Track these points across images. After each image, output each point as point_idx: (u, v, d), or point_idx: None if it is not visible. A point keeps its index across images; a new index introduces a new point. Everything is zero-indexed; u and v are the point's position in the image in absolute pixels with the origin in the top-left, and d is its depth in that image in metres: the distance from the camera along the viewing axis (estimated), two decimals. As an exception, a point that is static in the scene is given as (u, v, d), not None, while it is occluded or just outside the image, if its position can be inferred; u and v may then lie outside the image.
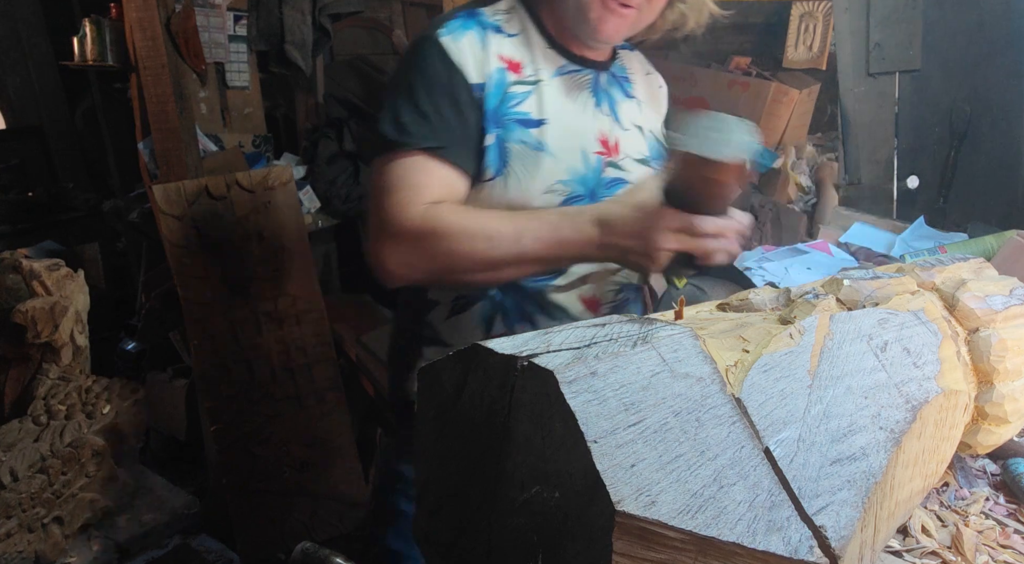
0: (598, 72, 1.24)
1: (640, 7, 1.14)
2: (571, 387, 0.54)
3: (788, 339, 0.72)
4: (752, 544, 0.54)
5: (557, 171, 1.15)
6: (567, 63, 1.21)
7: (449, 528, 0.66)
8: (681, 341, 0.64)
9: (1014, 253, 1.71)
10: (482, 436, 0.61)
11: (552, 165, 1.15)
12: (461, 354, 0.64)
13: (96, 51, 2.90)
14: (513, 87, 1.15)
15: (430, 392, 0.68)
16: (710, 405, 0.59)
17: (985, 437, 0.97)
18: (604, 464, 0.51)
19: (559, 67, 1.20)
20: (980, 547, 0.89)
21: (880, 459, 0.68)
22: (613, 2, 1.12)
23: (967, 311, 0.96)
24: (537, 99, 1.16)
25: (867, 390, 0.73)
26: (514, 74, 1.16)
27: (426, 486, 0.69)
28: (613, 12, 1.13)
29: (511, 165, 1.14)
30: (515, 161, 1.13)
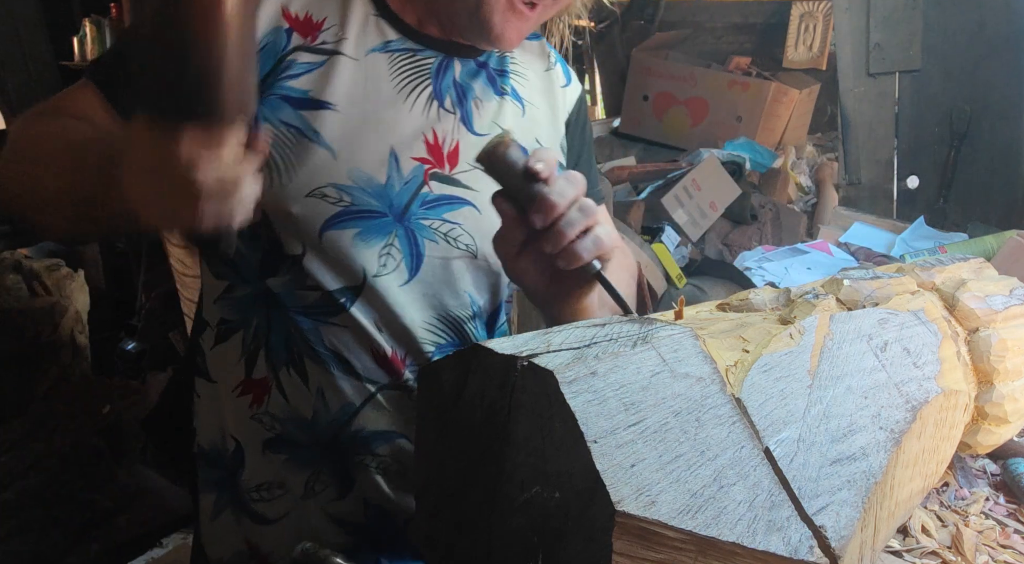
0: (450, 57, 0.96)
1: (545, 6, 0.91)
2: (571, 387, 0.54)
3: (788, 339, 0.72)
4: (752, 544, 0.54)
5: (334, 172, 0.88)
6: (399, 39, 0.93)
7: (449, 528, 0.66)
8: (681, 341, 0.64)
9: (1014, 253, 1.71)
10: (482, 436, 0.61)
11: (327, 163, 0.87)
12: (461, 354, 0.64)
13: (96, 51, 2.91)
14: (295, 54, 0.88)
15: (430, 393, 0.68)
16: (710, 405, 0.59)
17: (985, 437, 0.97)
18: (604, 464, 0.51)
19: (383, 42, 0.92)
20: (980, 547, 0.89)
21: (880, 459, 0.68)
22: (520, 3, 0.89)
23: (967, 311, 0.96)
24: (325, 75, 0.88)
25: (867, 390, 0.73)
26: (301, 38, 0.89)
27: (426, 486, 0.69)
28: (519, 15, 0.89)
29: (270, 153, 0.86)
30: (274, 150, 0.87)
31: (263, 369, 0.94)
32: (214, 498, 1.00)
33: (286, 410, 0.94)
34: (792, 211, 2.90)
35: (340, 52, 0.90)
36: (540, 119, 1.04)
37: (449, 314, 0.96)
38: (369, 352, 0.93)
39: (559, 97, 1.07)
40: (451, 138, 0.94)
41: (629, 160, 3.40)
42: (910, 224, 2.30)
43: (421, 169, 0.92)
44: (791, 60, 3.61)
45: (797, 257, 2.23)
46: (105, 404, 2.51)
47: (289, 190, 0.87)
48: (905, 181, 2.49)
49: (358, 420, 0.94)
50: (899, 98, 2.47)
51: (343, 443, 0.95)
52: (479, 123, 0.97)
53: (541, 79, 1.06)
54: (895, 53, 2.43)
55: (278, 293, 0.92)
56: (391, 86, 0.92)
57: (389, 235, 0.91)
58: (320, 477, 0.96)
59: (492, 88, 0.99)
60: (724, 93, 3.44)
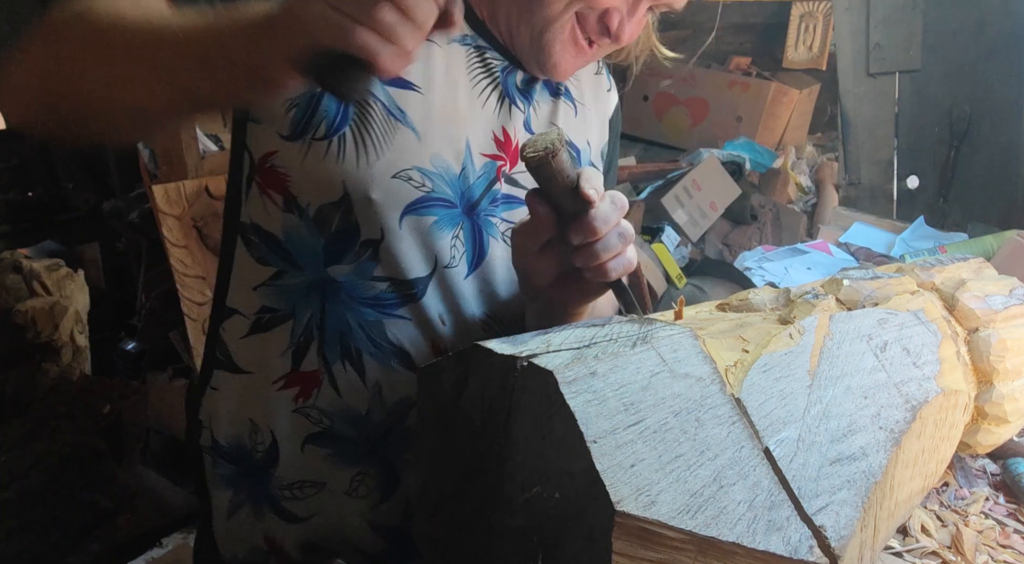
0: (513, 64, 0.95)
1: (602, 46, 0.92)
2: (571, 387, 0.54)
3: (788, 339, 0.72)
4: (752, 544, 0.54)
5: (419, 155, 0.86)
6: (473, 35, 0.93)
7: (449, 528, 0.66)
8: (681, 341, 0.64)
9: (1014, 253, 1.71)
10: (482, 436, 0.61)
11: (413, 145, 0.85)
12: (461, 355, 0.64)
13: (96, 51, 2.90)
14: None
15: (430, 393, 0.68)
16: (710, 405, 0.60)
17: (985, 437, 0.97)
18: (604, 464, 0.51)
19: (461, 35, 0.92)
20: (980, 547, 0.89)
21: (880, 459, 0.68)
22: (582, 38, 0.89)
23: (967, 311, 0.96)
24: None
25: (867, 390, 0.73)
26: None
27: (426, 487, 0.69)
28: (579, 50, 0.90)
29: (352, 126, 0.83)
30: (357, 122, 0.84)
31: (314, 362, 0.91)
32: (230, 495, 0.97)
33: (338, 404, 0.91)
34: (792, 211, 2.90)
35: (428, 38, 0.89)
36: (591, 120, 1.04)
37: (506, 312, 0.95)
38: (430, 346, 0.91)
39: (605, 101, 1.08)
40: (515, 138, 0.94)
41: (629, 160, 3.39)
42: (910, 224, 2.30)
43: (493, 166, 0.92)
44: (791, 60, 3.61)
45: (797, 257, 2.23)
46: (105, 404, 2.51)
47: (376, 169, 0.84)
48: (905, 181, 2.49)
49: (412, 416, 0.92)
50: (899, 98, 2.47)
51: (394, 439, 0.93)
52: (536, 123, 0.97)
53: (592, 82, 1.06)
54: (895, 53, 2.43)
55: (342, 282, 0.88)
56: (467, 78, 0.91)
57: (456, 227, 0.90)
58: (366, 477, 0.93)
59: (548, 89, 0.99)
60: (724, 93, 3.44)
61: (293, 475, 0.94)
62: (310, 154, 0.84)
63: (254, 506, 0.96)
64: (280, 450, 0.93)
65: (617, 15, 0.88)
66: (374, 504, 0.94)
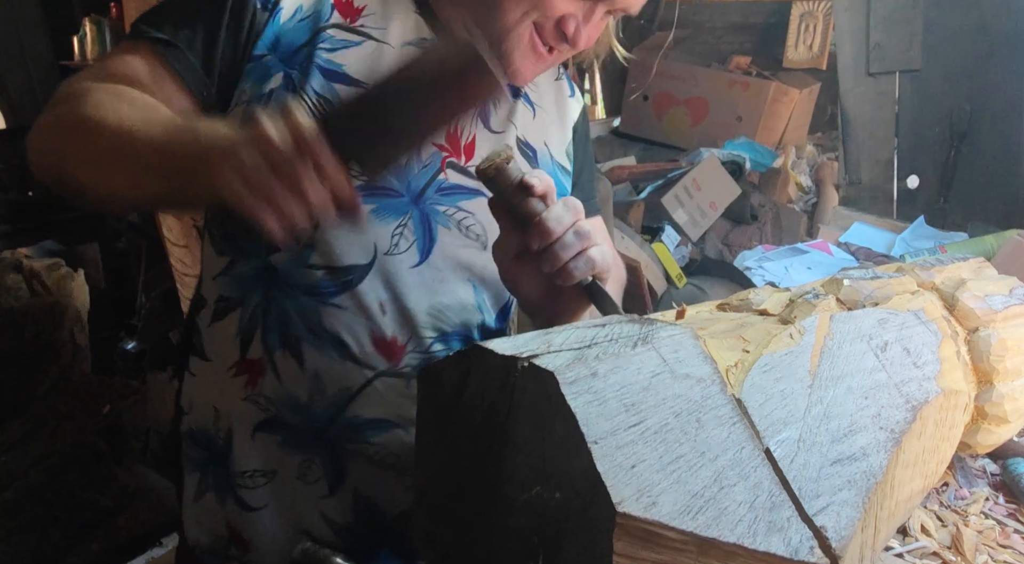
0: None
1: (562, 52, 0.95)
2: (572, 388, 0.54)
3: (788, 339, 0.72)
4: (753, 545, 0.54)
5: None
6: (433, 39, 0.95)
7: (449, 528, 0.66)
8: (681, 341, 0.64)
9: (1014, 253, 1.71)
10: (482, 437, 0.61)
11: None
12: (461, 355, 0.64)
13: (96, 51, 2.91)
14: (333, 30, 0.90)
15: (430, 393, 0.68)
16: (711, 406, 0.60)
17: (985, 437, 0.97)
18: (605, 465, 0.51)
19: (418, 38, 0.94)
20: (980, 547, 0.89)
21: (880, 459, 0.68)
22: (541, 45, 0.92)
23: (967, 311, 0.96)
24: (364, 57, 0.90)
25: (867, 390, 0.73)
26: (341, 17, 0.91)
27: (426, 487, 0.69)
28: (539, 57, 0.93)
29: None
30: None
31: (259, 349, 0.93)
32: (198, 478, 0.99)
33: (280, 392, 0.93)
34: (792, 211, 2.90)
35: (378, 39, 0.92)
36: (549, 124, 1.06)
37: (455, 302, 0.96)
38: (369, 335, 0.92)
39: (566, 106, 1.09)
40: (469, 131, 0.96)
41: (629, 160, 3.39)
42: (910, 224, 2.30)
43: (439, 156, 0.93)
44: (791, 60, 3.61)
45: (797, 257, 2.23)
46: (105, 404, 2.51)
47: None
48: (905, 181, 2.49)
49: (353, 406, 0.93)
50: (899, 98, 2.47)
51: (337, 430, 0.94)
52: (495, 121, 0.99)
53: (551, 87, 1.09)
54: (895, 53, 2.43)
55: (280, 269, 0.91)
56: None
57: (404, 215, 0.91)
58: (312, 466, 0.95)
59: (509, 90, 1.00)
60: (724, 93, 3.44)
61: (246, 464, 0.96)
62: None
63: (217, 492, 0.98)
64: (234, 438, 0.96)
65: (573, 21, 0.90)
66: (323, 493, 0.96)
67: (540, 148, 1.03)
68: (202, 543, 1.01)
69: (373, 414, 0.94)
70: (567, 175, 1.07)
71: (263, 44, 0.88)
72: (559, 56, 0.95)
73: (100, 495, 2.37)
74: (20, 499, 2.23)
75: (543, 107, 1.05)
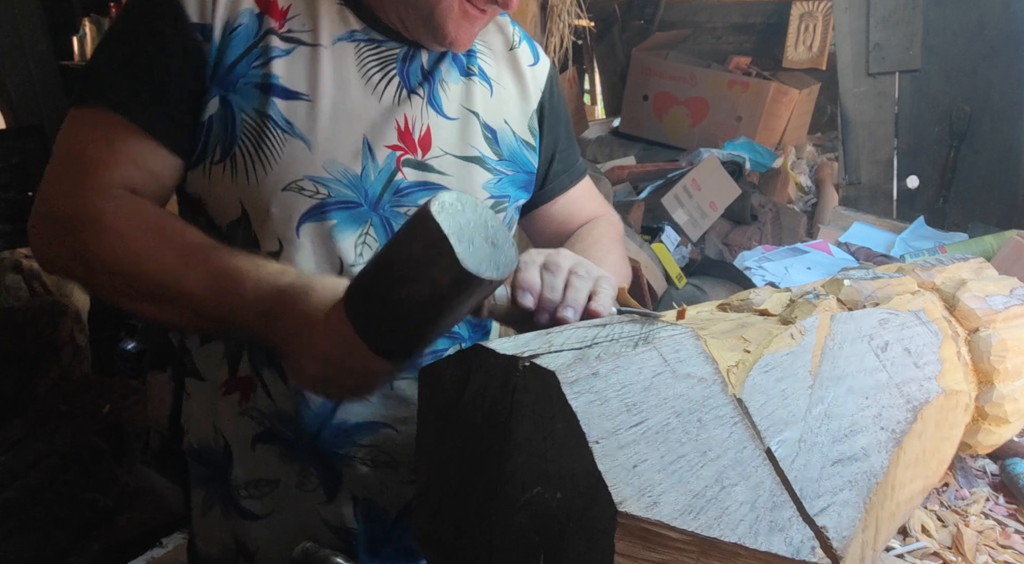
0: (414, 48, 0.94)
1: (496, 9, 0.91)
2: (573, 387, 0.54)
3: (789, 339, 0.72)
4: (754, 545, 0.54)
5: (310, 164, 0.86)
6: (363, 30, 0.92)
7: (450, 528, 0.66)
8: (682, 341, 0.64)
9: (1014, 253, 1.71)
10: (483, 436, 0.61)
11: (303, 155, 0.86)
12: (462, 354, 0.64)
13: (96, 51, 2.90)
14: (267, 38, 0.86)
15: (431, 393, 0.68)
16: (712, 406, 0.60)
17: (985, 437, 0.97)
18: (606, 465, 0.51)
19: (348, 31, 0.91)
20: (980, 547, 0.89)
21: (881, 459, 0.68)
22: (473, 8, 0.89)
23: (967, 311, 0.96)
24: (297, 63, 0.87)
25: (868, 390, 0.73)
26: (273, 21, 0.87)
27: (427, 486, 0.69)
28: (472, 20, 0.90)
29: (240, 145, 0.85)
30: (246, 140, 0.85)
31: (247, 368, 0.94)
32: (204, 494, 1.01)
33: (271, 407, 0.94)
34: (792, 211, 2.90)
35: (308, 42, 0.89)
36: (508, 99, 1.03)
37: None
38: None
39: (527, 76, 1.05)
40: (421, 123, 0.93)
41: (629, 160, 3.40)
42: (910, 224, 2.30)
43: (394, 156, 0.91)
44: (791, 60, 3.62)
45: (797, 257, 2.23)
46: (105, 404, 2.51)
47: (265, 185, 0.86)
48: (905, 181, 2.49)
49: (340, 413, 0.94)
50: (899, 98, 2.47)
51: (327, 436, 0.95)
52: (448, 106, 0.96)
53: (506, 58, 1.04)
54: (895, 53, 2.43)
55: None
56: (359, 75, 0.91)
57: (365, 224, 0.90)
58: (308, 475, 0.96)
59: (457, 69, 0.98)
60: (724, 93, 3.44)
61: (248, 474, 0.97)
62: (211, 178, 0.87)
63: (223, 506, 1.00)
64: (232, 452, 0.97)
65: None
66: (322, 500, 0.97)
67: (500, 126, 1.00)
68: (212, 555, 1.02)
69: (360, 418, 0.95)
70: (531, 149, 1.04)
71: (208, 71, 0.86)
72: (493, 13, 0.92)
73: (100, 495, 2.37)
74: (20, 499, 2.23)
75: (500, 83, 1.02)
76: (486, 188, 0.98)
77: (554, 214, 1.13)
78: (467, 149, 0.96)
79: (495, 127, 1.00)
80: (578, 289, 0.77)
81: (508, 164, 1.00)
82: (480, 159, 0.97)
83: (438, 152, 0.94)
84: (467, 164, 0.96)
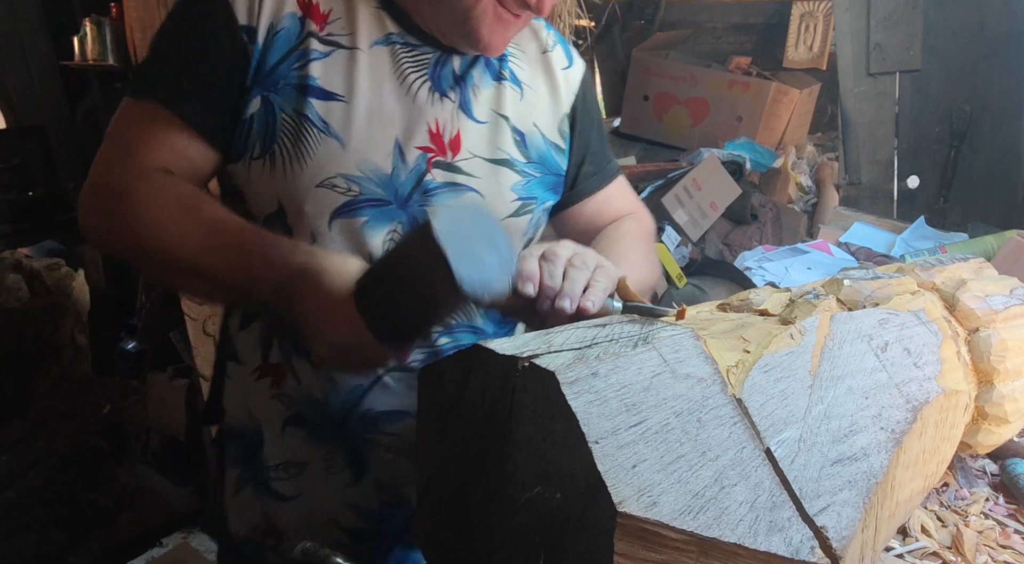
0: (447, 52, 0.97)
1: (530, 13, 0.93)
2: (572, 388, 0.54)
3: (789, 339, 0.72)
4: (754, 545, 0.54)
5: (344, 162, 0.90)
6: (400, 33, 0.95)
7: (450, 528, 0.66)
8: (682, 342, 0.64)
9: (1014, 253, 1.71)
10: (483, 436, 0.61)
11: (337, 153, 0.90)
12: (462, 354, 0.64)
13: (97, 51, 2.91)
14: (308, 41, 0.91)
15: (431, 392, 0.68)
16: (711, 406, 0.60)
17: (985, 437, 0.97)
18: (606, 465, 0.51)
19: (385, 35, 0.94)
20: (980, 547, 0.89)
21: (881, 459, 0.68)
22: (507, 13, 0.91)
23: (967, 311, 0.96)
24: (335, 66, 0.91)
25: (868, 390, 0.73)
26: (314, 24, 0.91)
27: (427, 486, 0.69)
28: (506, 24, 0.92)
29: (279, 143, 0.90)
30: (285, 138, 0.89)
31: (277, 355, 0.99)
32: (237, 473, 1.05)
33: (301, 392, 0.98)
34: (792, 211, 2.90)
35: (347, 45, 0.93)
36: (538, 103, 1.05)
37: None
38: None
39: (560, 80, 1.07)
40: (452, 126, 0.96)
41: (629, 160, 3.39)
42: (910, 224, 2.30)
43: (424, 157, 0.94)
44: (791, 60, 3.61)
45: (797, 257, 2.22)
46: (105, 404, 2.51)
47: (301, 181, 0.90)
48: (905, 181, 2.48)
49: (366, 401, 0.98)
50: (899, 98, 2.47)
51: (354, 423, 0.98)
52: (479, 110, 0.98)
53: (539, 61, 1.07)
54: (895, 53, 2.43)
55: None
56: (394, 78, 0.94)
57: (393, 222, 0.94)
58: (335, 457, 1.00)
59: (489, 73, 1.01)
60: (724, 93, 3.44)
61: (279, 456, 1.01)
62: (251, 173, 0.92)
63: (255, 486, 1.04)
64: (264, 434, 1.01)
65: None
66: (347, 483, 1.00)
67: (529, 130, 1.03)
68: (241, 533, 1.06)
69: (386, 406, 0.98)
70: (561, 152, 1.06)
71: (251, 72, 0.90)
72: (527, 18, 0.95)
73: (100, 495, 2.38)
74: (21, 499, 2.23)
75: (532, 86, 1.04)
76: (514, 190, 1.00)
77: (584, 213, 1.13)
78: (496, 152, 0.99)
79: (524, 130, 1.02)
80: (575, 280, 0.79)
81: (537, 166, 1.03)
82: (508, 161, 1.00)
83: (467, 155, 0.97)
84: (496, 166, 0.99)
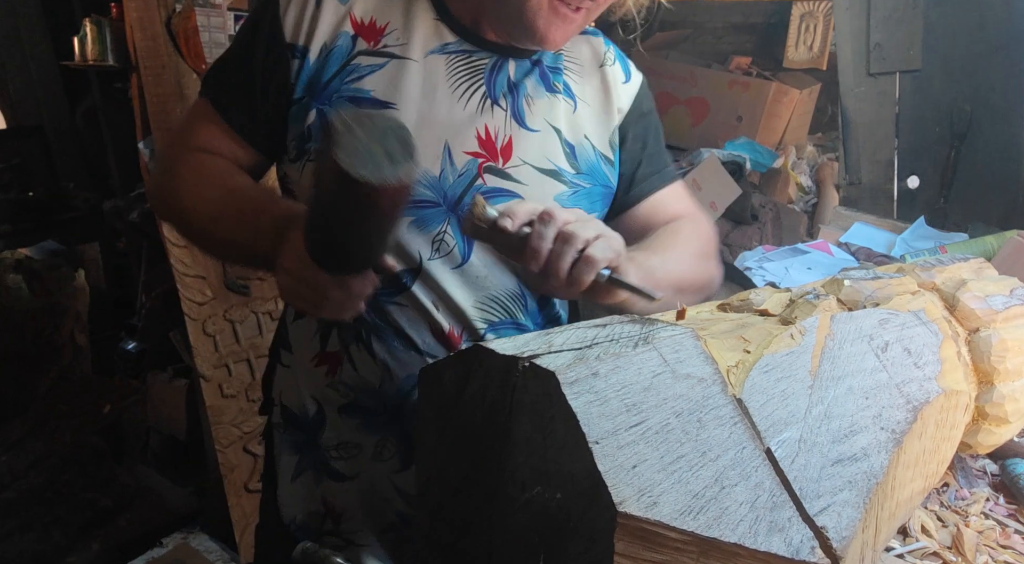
0: (504, 57, 1.01)
1: (589, 9, 0.95)
2: (573, 388, 0.54)
3: (789, 339, 0.72)
4: (754, 545, 0.54)
5: None
6: (456, 41, 1.00)
7: (450, 528, 0.66)
8: (682, 342, 0.64)
9: (1014, 253, 1.71)
10: (483, 436, 0.61)
11: None
12: (462, 354, 0.64)
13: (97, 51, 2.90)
14: (359, 58, 0.97)
15: (431, 392, 0.68)
16: (711, 406, 0.60)
17: (985, 437, 0.97)
18: (606, 465, 0.51)
19: (441, 44, 0.99)
20: (980, 547, 0.89)
21: (881, 459, 0.68)
22: (564, 7, 0.93)
23: (967, 311, 0.96)
24: (389, 77, 0.96)
25: (868, 390, 0.73)
26: (366, 43, 0.97)
27: (427, 486, 0.69)
28: (564, 18, 0.94)
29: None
30: None
31: (336, 344, 1.03)
32: (296, 460, 1.09)
33: (357, 380, 1.03)
34: (792, 211, 2.90)
35: (402, 56, 0.98)
36: (590, 116, 1.07)
37: (499, 295, 1.03)
38: (429, 329, 1.01)
39: (614, 93, 1.09)
40: (504, 133, 1.00)
41: (629, 160, 3.39)
42: (910, 224, 2.30)
43: (475, 163, 0.98)
44: (791, 60, 3.61)
45: (797, 257, 2.22)
46: (105, 404, 2.51)
47: None
48: (905, 181, 2.48)
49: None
50: (899, 98, 2.47)
51: (408, 411, 1.03)
52: (531, 119, 1.01)
53: (596, 76, 1.09)
54: (895, 53, 2.43)
55: None
56: (447, 85, 0.98)
57: (442, 223, 0.98)
58: (388, 443, 1.04)
59: (544, 85, 1.04)
60: (724, 93, 3.44)
61: (337, 437, 1.06)
62: (305, 173, 0.98)
63: (314, 470, 1.08)
64: (325, 415, 1.06)
65: None
66: (396, 469, 1.05)
67: (579, 142, 1.05)
68: (297, 520, 1.10)
69: None
70: (610, 165, 1.08)
71: (299, 88, 0.97)
72: (588, 15, 0.96)
73: (100, 495, 2.38)
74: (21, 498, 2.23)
75: (584, 100, 1.07)
76: (559, 200, 1.02)
77: (639, 215, 1.13)
78: (545, 162, 1.02)
79: (574, 142, 1.05)
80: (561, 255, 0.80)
81: (586, 177, 1.05)
82: (557, 172, 1.02)
83: (518, 162, 1.00)
84: (544, 176, 1.02)
